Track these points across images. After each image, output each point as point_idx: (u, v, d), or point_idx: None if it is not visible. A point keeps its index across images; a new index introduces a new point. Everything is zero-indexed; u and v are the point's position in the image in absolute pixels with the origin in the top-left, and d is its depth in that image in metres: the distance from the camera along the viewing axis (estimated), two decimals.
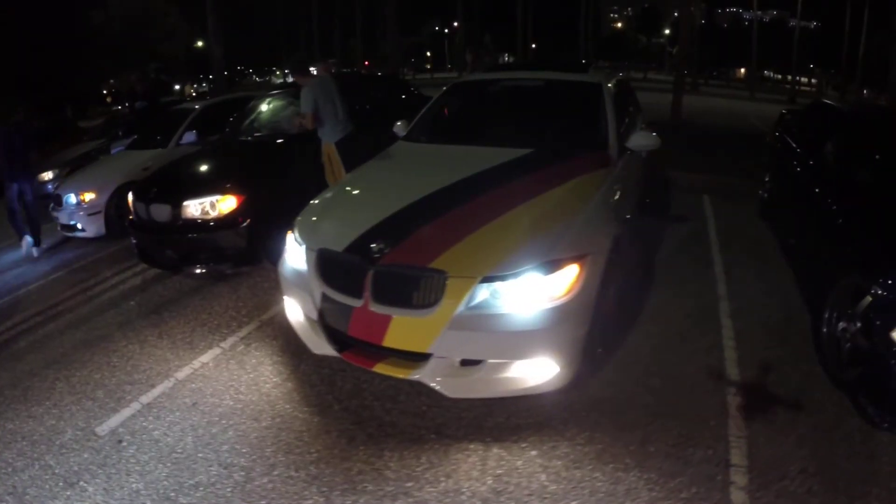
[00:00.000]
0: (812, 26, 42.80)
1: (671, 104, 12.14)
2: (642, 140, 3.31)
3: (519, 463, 2.22)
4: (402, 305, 2.34)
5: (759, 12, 36.28)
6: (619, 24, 42.75)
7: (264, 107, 5.49)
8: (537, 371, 2.31)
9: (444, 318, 2.25)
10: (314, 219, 2.92)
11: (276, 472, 2.23)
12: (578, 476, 2.15)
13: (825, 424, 2.48)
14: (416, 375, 2.37)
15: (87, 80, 16.38)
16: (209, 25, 11.51)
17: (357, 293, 2.41)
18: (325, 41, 36.00)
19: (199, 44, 30.26)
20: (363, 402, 2.63)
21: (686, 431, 2.42)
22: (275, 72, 47.81)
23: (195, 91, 32.20)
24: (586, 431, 2.38)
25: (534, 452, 2.27)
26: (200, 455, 2.35)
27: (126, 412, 2.67)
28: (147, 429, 2.52)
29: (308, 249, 2.66)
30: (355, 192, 3.23)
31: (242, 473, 2.23)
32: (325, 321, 2.59)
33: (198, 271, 4.11)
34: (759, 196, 5.19)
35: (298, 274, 2.71)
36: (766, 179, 5.09)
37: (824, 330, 2.78)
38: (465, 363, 2.34)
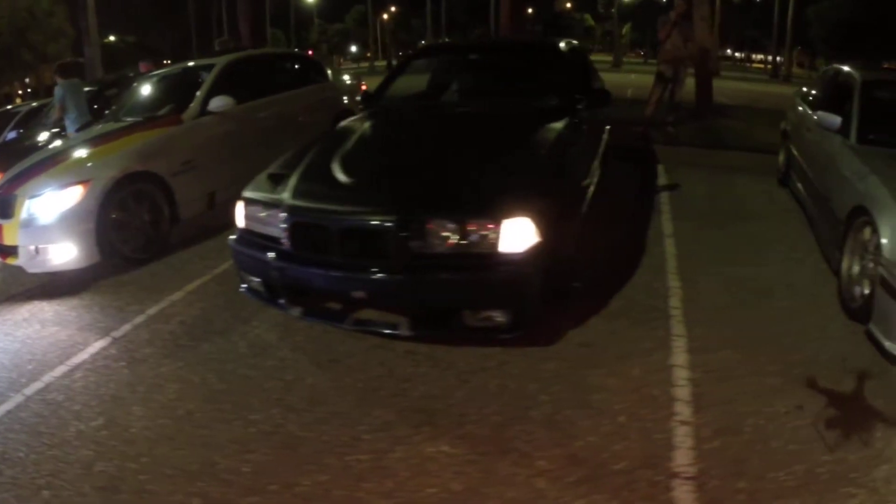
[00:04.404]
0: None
1: None
2: (218, 103, 4.70)
3: (59, 307, 3.68)
4: (5, 217, 3.92)
5: None
6: (569, 5, 41.69)
7: None
8: (66, 253, 3.81)
9: (17, 222, 3.84)
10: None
11: None
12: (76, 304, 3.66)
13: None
14: (17, 262, 3.92)
15: None
16: (85, 26, 11.49)
17: None
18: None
19: (112, 38, 31.30)
20: (9, 288, 4.09)
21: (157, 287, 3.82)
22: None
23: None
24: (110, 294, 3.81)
25: (72, 298, 3.76)
26: None
27: None
28: None
29: None
30: (42, 151, 4.77)
31: None
32: None
33: None
34: None
35: None
36: None
37: None
38: (37, 250, 3.83)
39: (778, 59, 34.95)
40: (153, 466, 2.17)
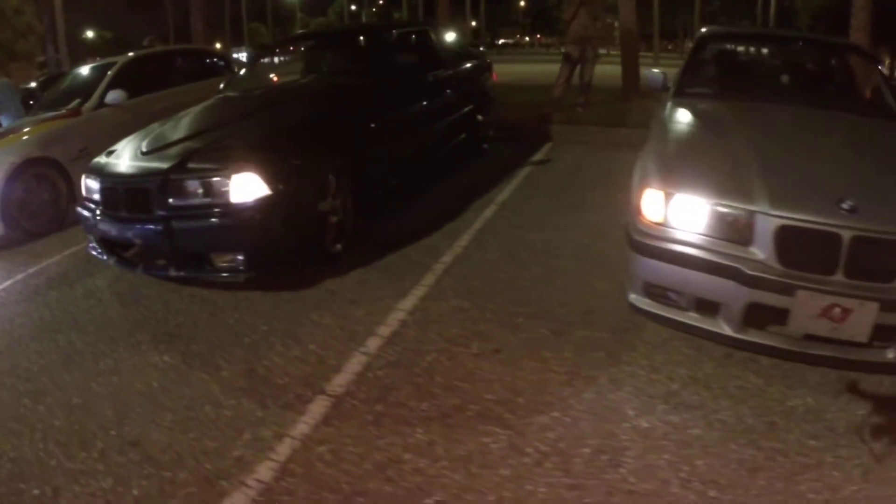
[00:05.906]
0: None
1: None
2: (113, 96, 5.61)
3: None
4: None
5: None
6: None
7: None
8: None
9: None
10: None
11: None
12: None
13: None
14: None
15: None
16: (51, 28, 12.40)
17: None
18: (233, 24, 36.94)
19: (90, 34, 32.11)
20: None
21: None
22: None
23: None
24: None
25: None
26: None
27: None
28: None
29: None
30: None
31: None
32: None
33: None
34: None
35: None
36: None
37: None
38: None
39: None
40: None
